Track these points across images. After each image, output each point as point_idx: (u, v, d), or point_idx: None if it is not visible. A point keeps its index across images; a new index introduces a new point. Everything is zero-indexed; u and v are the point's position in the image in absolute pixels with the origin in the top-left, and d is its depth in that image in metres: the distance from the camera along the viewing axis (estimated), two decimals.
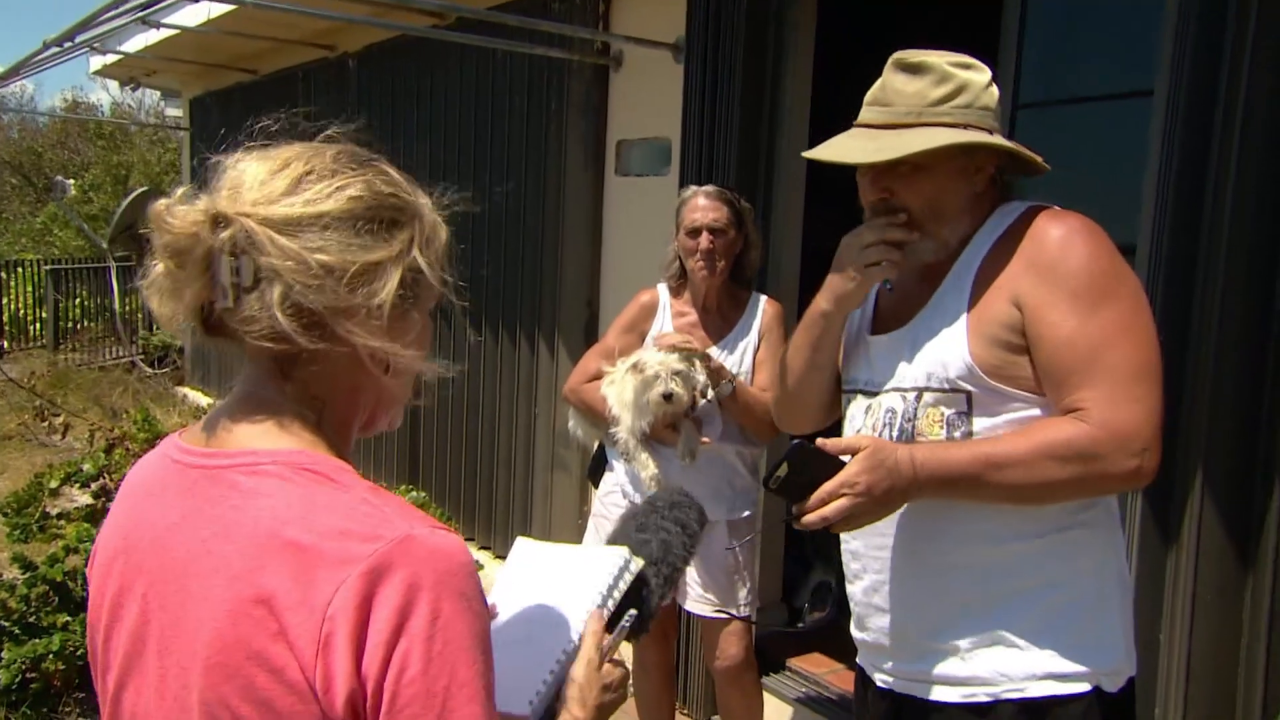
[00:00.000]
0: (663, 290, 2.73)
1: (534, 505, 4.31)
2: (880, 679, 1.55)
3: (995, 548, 1.41)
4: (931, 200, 1.43)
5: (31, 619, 2.83)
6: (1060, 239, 1.37)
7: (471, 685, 0.80)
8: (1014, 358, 1.37)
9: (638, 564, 1.21)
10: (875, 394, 1.50)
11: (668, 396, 2.44)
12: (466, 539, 4.57)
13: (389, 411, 0.98)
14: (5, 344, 12.45)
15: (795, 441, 1.31)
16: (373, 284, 0.87)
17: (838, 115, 1.73)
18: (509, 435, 4.46)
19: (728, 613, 2.64)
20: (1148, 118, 2.18)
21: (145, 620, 0.88)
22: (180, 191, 0.89)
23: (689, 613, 2.76)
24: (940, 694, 1.44)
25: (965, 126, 1.40)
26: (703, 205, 2.57)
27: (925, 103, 1.40)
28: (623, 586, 1.18)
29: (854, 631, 1.62)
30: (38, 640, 2.76)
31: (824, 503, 1.30)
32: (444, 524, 0.86)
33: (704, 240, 2.54)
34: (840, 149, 1.44)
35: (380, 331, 0.88)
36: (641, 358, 2.51)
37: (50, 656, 2.73)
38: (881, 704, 1.55)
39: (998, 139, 1.43)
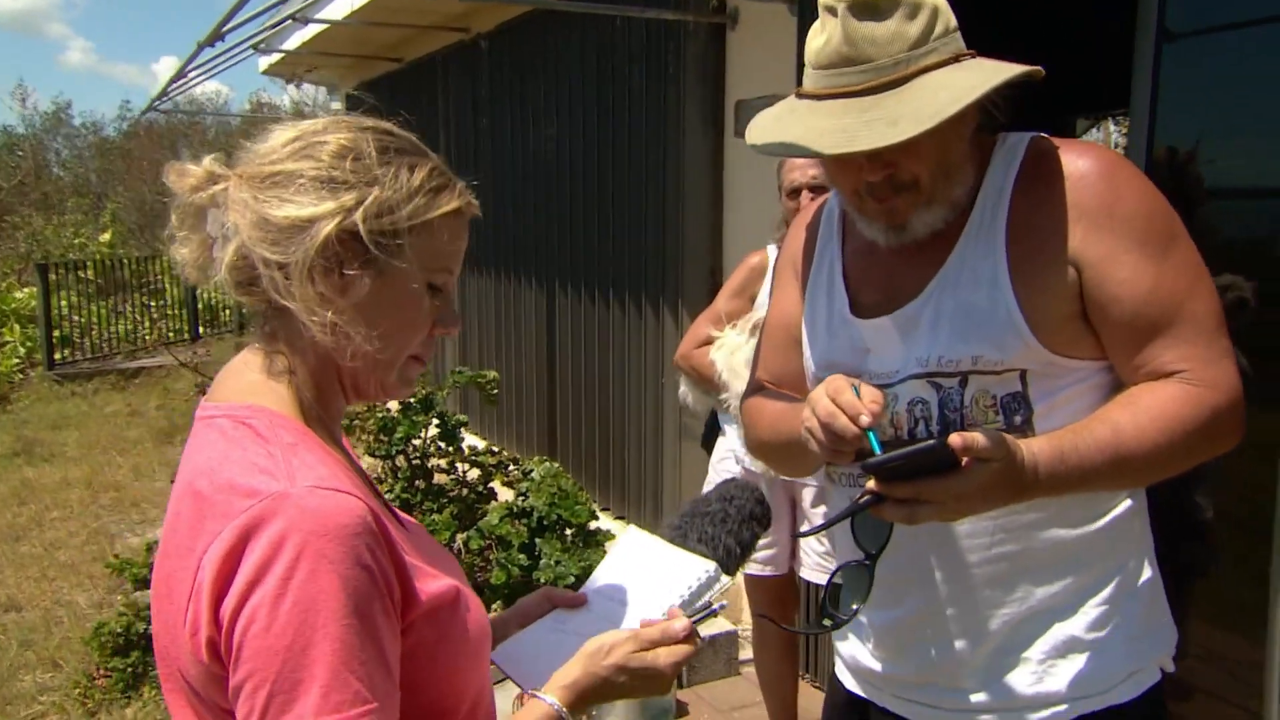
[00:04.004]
0: (772, 251, 2.65)
1: (664, 474, 4.32)
2: (915, 714, 1.33)
3: (1058, 544, 1.23)
4: (940, 160, 1.17)
5: None
6: (1103, 177, 1.18)
7: (318, 647, 0.80)
8: (1077, 325, 1.19)
9: (726, 581, 1.16)
10: (887, 385, 1.25)
11: None
12: (602, 509, 4.62)
13: (373, 377, 0.96)
14: (201, 329, 13.56)
15: (937, 443, 1.04)
16: (296, 238, 0.88)
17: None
18: (639, 405, 4.47)
19: None
20: None
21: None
22: (209, 158, 0.95)
23: (807, 581, 2.69)
24: None
25: (957, 59, 1.15)
26: (800, 164, 2.47)
27: (908, 45, 1.12)
28: (708, 599, 1.14)
29: (872, 664, 1.36)
30: None
31: (915, 500, 1.05)
32: (343, 487, 0.84)
33: (804, 200, 2.44)
34: (834, 133, 1.12)
35: (303, 290, 0.89)
36: (760, 317, 2.45)
37: None
38: None
39: (1018, 66, 1.16)
